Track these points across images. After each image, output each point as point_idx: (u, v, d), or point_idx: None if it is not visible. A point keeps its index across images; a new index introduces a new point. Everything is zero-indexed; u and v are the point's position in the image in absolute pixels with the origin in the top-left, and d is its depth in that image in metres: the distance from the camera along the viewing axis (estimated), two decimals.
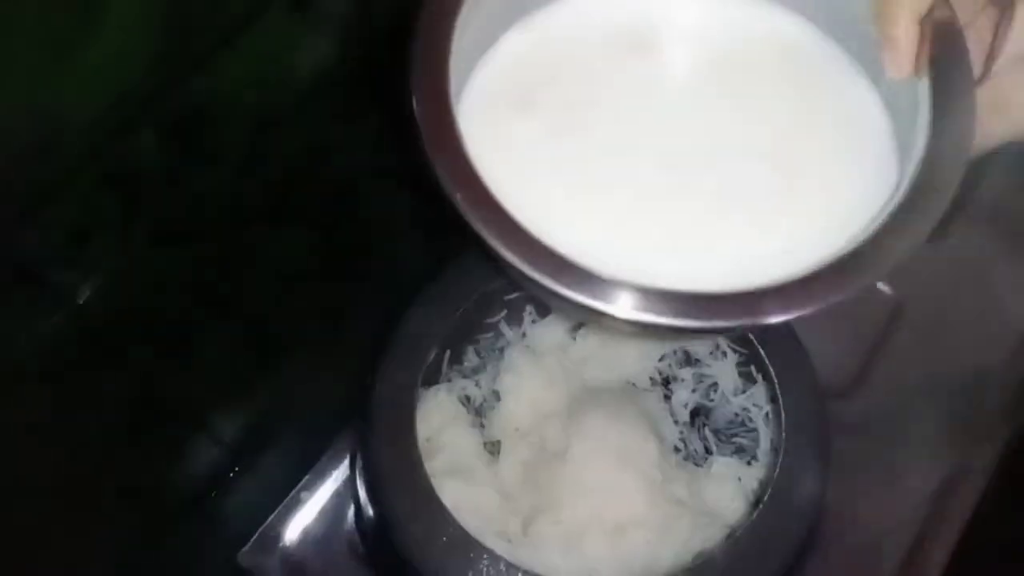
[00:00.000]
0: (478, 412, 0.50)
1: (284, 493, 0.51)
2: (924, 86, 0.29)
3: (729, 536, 0.45)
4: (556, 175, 0.30)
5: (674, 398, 0.51)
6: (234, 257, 0.41)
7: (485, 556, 0.39)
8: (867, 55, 0.32)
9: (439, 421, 0.46)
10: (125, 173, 0.33)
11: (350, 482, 0.51)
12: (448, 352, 0.49)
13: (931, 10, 0.29)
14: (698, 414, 0.51)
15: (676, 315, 0.26)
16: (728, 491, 0.48)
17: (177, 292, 0.40)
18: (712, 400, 0.51)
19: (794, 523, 0.42)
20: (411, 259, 0.53)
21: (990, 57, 0.30)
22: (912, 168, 0.28)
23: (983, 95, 0.29)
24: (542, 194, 0.29)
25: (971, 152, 0.28)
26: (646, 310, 0.26)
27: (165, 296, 0.39)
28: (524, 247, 0.26)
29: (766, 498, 0.42)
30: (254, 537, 0.50)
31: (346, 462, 0.52)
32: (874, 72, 0.32)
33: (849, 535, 0.50)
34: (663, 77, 0.33)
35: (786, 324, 0.41)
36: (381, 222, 0.50)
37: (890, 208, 0.28)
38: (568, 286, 0.26)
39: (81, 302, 0.35)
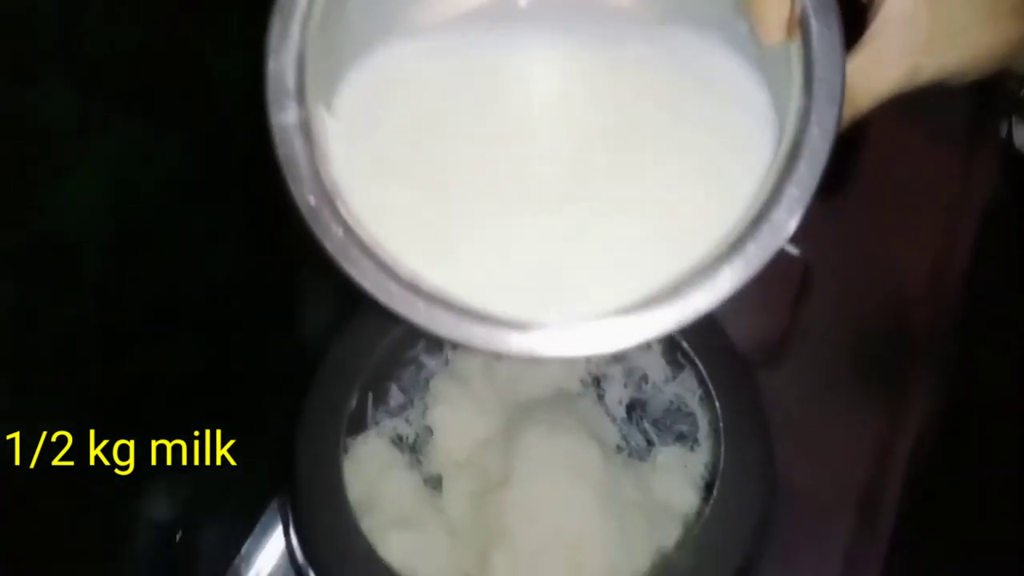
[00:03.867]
0: (413, 449, 0.48)
1: (221, 570, 0.48)
2: (795, 47, 0.29)
3: (684, 526, 0.45)
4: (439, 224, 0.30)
5: (607, 397, 0.50)
6: (120, 381, 0.38)
7: None
8: (732, 28, 0.32)
9: (373, 470, 0.44)
10: None
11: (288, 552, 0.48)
12: (371, 394, 0.46)
13: None
14: (634, 408, 0.50)
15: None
16: (676, 481, 0.47)
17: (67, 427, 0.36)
18: (645, 392, 0.50)
19: (747, 506, 0.42)
20: (317, 314, 0.50)
21: (872, 12, 0.31)
22: (791, 120, 0.28)
23: (865, 54, 0.30)
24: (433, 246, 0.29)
25: (843, 96, 0.28)
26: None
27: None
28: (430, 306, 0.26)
29: (717, 483, 0.41)
30: None
31: (280, 530, 0.49)
32: (741, 42, 0.32)
33: (797, 508, 0.49)
34: (531, 107, 0.32)
35: None
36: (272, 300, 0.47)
37: (777, 165, 0.28)
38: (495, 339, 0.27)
39: None
